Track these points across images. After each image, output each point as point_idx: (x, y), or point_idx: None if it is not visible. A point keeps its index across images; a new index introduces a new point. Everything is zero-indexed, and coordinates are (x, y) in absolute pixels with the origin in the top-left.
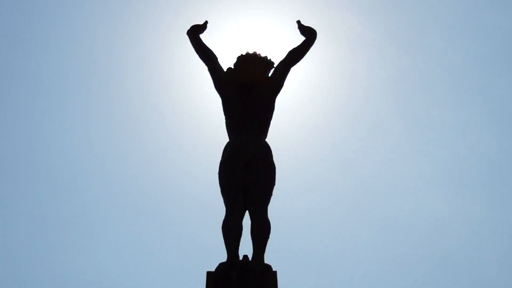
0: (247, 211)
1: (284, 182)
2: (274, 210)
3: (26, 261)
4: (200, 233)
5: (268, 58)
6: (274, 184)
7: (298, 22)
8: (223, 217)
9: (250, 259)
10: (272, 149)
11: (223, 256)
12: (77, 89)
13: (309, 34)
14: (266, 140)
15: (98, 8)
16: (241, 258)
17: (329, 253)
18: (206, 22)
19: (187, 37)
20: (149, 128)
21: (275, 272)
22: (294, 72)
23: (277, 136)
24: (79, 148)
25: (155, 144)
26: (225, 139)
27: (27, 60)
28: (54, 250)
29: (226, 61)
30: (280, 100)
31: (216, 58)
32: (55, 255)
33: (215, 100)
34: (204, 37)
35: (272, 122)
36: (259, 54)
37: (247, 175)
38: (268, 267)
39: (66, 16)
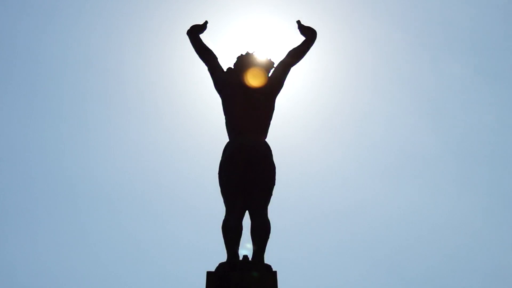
0: (247, 211)
1: (284, 182)
2: (274, 210)
3: (26, 261)
4: (200, 233)
5: (268, 58)
6: (274, 184)
7: (298, 22)
8: (223, 217)
9: (250, 259)
10: (272, 149)
11: (223, 256)
12: (76, 88)
13: (309, 34)
14: (266, 140)
15: (98, 8)
16: (241, 258)
17: (329, 253)
18: (206, 22)
19: (187, 37)
20: (149, 128)
21: (275, 272)
22: (295, 72)
23: (277, 136)
24: (78, 148)
25: (155, 144)
26: (225, 139)
27: (26, 59)
28: (55, 251)
29: (226, 61)
30: (281, 100)
31: (216, 58)
32: (56, 257)
33: (215, 100)
34: (204, 37)
35: (272, 122)
36: (259, 54)
37: (247, 175)
38: (268, 267)
39: (65, 16)
